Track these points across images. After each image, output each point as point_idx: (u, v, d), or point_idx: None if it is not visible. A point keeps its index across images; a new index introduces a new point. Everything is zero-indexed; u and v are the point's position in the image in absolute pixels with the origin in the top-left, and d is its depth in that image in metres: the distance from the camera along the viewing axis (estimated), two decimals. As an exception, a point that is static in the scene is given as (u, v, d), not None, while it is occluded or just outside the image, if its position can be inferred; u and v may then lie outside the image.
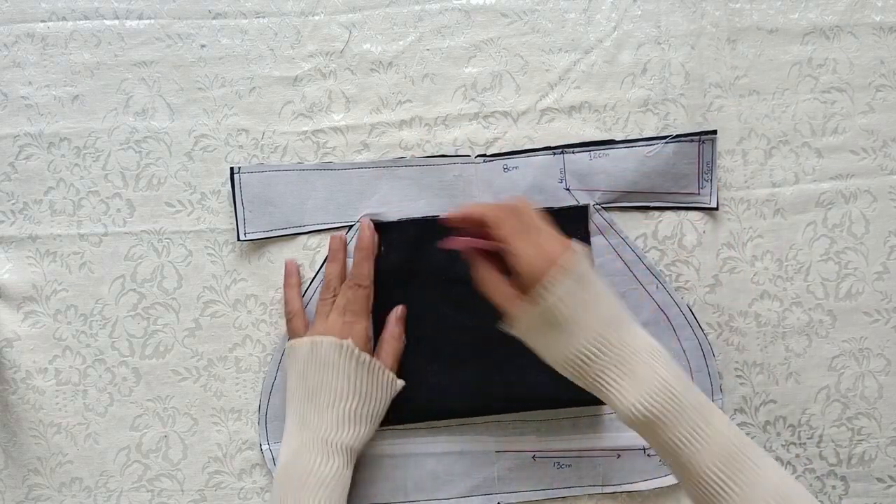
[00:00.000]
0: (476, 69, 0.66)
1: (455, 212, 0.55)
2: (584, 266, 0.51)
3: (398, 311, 0.63)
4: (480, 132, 0.66)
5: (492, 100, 0.66)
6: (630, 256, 0.64)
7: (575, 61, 0.66)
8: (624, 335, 0.50)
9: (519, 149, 0.65)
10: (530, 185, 0.64)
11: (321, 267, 0.65)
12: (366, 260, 0.62)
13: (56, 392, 0.65)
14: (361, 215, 0.65)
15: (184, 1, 0.66)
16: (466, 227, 0.55)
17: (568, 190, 0.64)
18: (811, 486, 0.64)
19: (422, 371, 0.63)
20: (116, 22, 0.66)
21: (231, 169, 0.65)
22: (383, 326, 0.63)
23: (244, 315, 0.65)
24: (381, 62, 0.66)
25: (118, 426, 0.65)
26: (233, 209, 0.65)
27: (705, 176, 0.64)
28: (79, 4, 0.66)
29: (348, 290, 0.61)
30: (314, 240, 0.65)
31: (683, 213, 0.65)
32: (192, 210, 0.66)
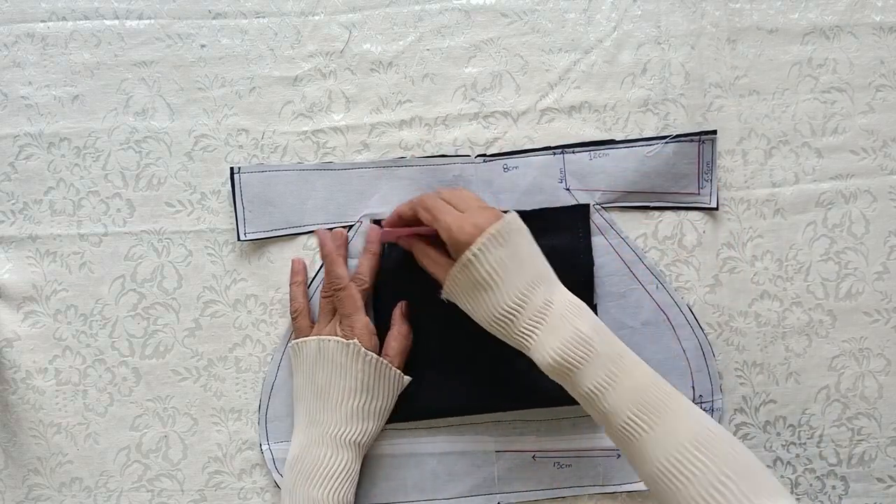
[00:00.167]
0: (476, 69, 0.66)
1: (389, 217, 0.62)
2: (512, 232, 0.54)
3: (402, 308, 0.63)
4: (480, 132, 0.66)
5: (492, 100, 0.66)
6: (630, 256, 0.64)
7: (575, 61, 0.66)
8: (546, 293, 0.53)
9: (519, 149, 0.65)
10: (530, 185, 0.64)
11: (321, 266, 0.65)
12: (368, 262, 0.63)
13: (56, 392, 0.65)
14: (361, 215, 0.65)
15: (184, 1, 0.66)
16: (407, 224, 0.60)
17: (568, 190, 0.64)
18: (811, 486, 0.64)
19: (422, 370, 0.63)
20: (116, 22, 0.66)
21: (231, 169, 0.65)
22: (387, 324, 0.63)
23: (244, 315, 0.65)
24: (381, 62, 0.66)
25: (118, 426, 0.65)
26: (233, 209, 0.65)
27: (705, 176, 0.64)
28: (79, 4, 0.66)
29: (343, 291, 0.61)
30: (314, 240, 0.65)
31: (683, 213, 0.65)
32: (192, 210, 0.66)
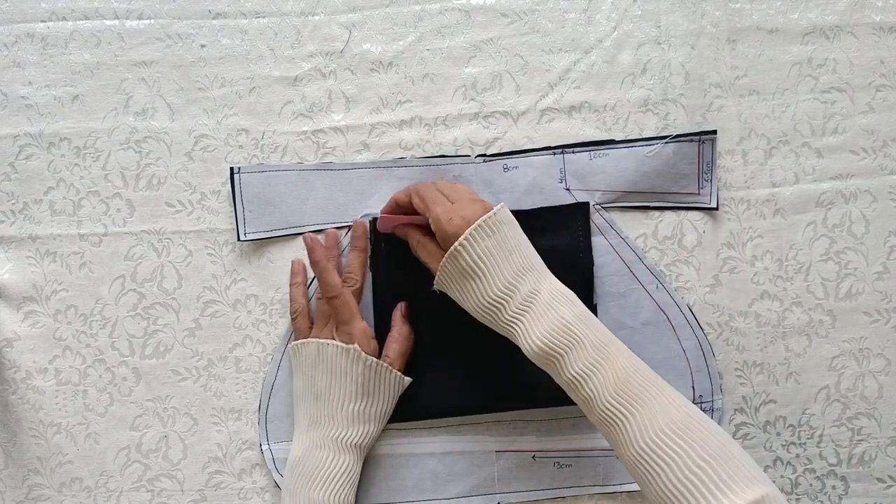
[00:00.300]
0: (476, 69, 0.66)
1: (386, 204, 0.62)
2: (499, 223, 0.55)
3: (402, 309, 0.63)
4: (480, 132, 0.66)
5: (492, 100, 0.66)
6: (630, 256, 0.64)
7: (575, 61, 0.66)
8: (533, 282, 0.54)
9: (519, 149, 0.65)
10: (530, 185, 0.64)
11: (321, 267, 0.65)
12: (357, 258, 0.63)
13: (56, 392, 0.65)
14: (361, 215, 0.65)
15: (184, 1, 0.66)
16: (403, 211, 0.61)
17: (568, 190, 0.64)
18: (811, 486, 0.64)
19: (422, 370, 0.63)
20: (116, 22, 0.66)
21: (231, 169, 0.65)
22: (387, 325, 0.63)
23: (244, 315, 0.65)
24: (381, 62, 0.66)
25: (118, 426, 0.65)
26: (233, 209, 0.65)
27: (705, 176, 0.64)
28: (79, 4, 0.66)
29: (337, 299, 0.61)
30: (314, 240, 0.65)
31: (683, 213, 0.65)
32: (192, 210, 0.66)
